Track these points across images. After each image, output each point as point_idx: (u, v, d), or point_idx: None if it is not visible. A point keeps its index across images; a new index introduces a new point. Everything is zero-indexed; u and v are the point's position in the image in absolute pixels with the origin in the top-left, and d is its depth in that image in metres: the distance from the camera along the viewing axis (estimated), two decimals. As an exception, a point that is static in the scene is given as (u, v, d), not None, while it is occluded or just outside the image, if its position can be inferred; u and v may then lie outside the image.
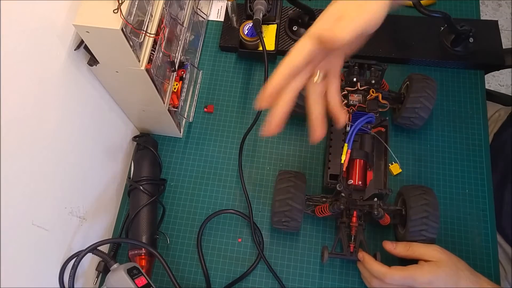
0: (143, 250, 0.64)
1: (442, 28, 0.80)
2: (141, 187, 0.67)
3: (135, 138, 0.75)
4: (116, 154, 0.72)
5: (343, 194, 0.60)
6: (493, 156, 0.73)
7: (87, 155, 0.62)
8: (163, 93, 0.65)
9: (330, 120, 0.70)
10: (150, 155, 0.71)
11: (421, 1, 0.69)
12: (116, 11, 0.48)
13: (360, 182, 0.63)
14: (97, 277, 0.66)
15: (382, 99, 0.67)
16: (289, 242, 0.69)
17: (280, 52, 0.81)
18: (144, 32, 0.54)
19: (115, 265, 0.57)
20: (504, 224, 0.73)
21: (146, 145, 0.71)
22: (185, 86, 0.73)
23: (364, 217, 0.63)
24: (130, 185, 0.69)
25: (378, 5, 0.44)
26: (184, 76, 0.72)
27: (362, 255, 0.61)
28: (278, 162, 0.75)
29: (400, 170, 0.72)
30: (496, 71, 0.92)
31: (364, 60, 0.68)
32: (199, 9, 0.81)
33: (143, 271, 0.60)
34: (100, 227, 0.69)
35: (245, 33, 0.76)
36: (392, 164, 0.72)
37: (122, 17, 0.48)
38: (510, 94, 0.81)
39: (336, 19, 0.45)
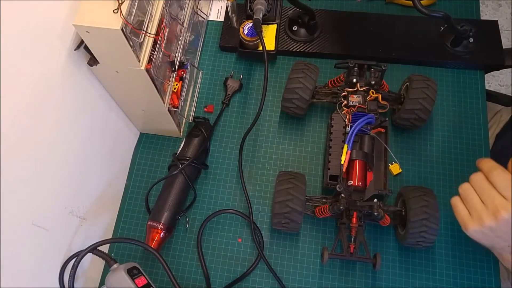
0: (161, 226, 0.66)
1: (442, 28, 0.80)
2: (180, 166, 0.68)
3: (195, 119, 0.76)
4: (116, 154, 0.72)
5: (343, 195, 0.60)
6: (496, 157, 0.73)
7: (87, 155, 0.62)
8: (163, 93, 0.65)
9: (330, 120, 0.70)
10: (201, 139, 0.72)
11: (421, 1, 0.69)
12: (116, 11, 0.48)
13: (360, 183, 0.63)
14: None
15: (382, 100, 0.67)
16: (289, 242, 0.69)
17: (280, 52, 0.81)
18: (144, 32, 0.54)
19: (115, 265, 0.56)
20: None
21: (201, 128, 0.73)
22: (185, 86, 0.73)
23: (364, 218, 0.63)
24: (173, 160, 0.70)
25: None
26: (184, 76, 0.72)
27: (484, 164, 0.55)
28: (278, 162, 0.75)
29: (400, 170, 0.72)
30: (496, 71, 0.92)
31: (364, 61, 0.68)
32: (199, 9, 0.81)
33: (155, 243, 0.65)
34: (100, 227, 0.69)
35: (245, 33, 0.76)
36: (392, 164, 0.72)
37: (122, 17, 0.48)
38: (510, 94, 0.81)
39: None
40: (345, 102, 0.67)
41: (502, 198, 0.52)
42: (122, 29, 0.49)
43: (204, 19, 0.84)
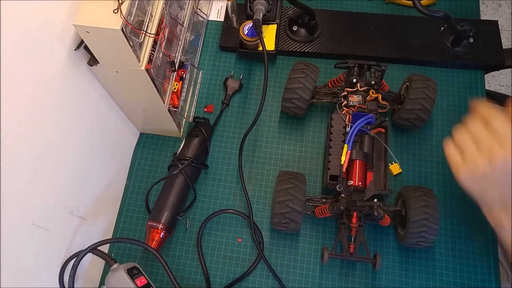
0: (161, 226, 0.66)
1: (442, 28, 0.80)
2: (180, 166, 0.68)
3: (195, 119, 0.76)
4: (116, 154, 0.72)
5: (343, 195, 0.60)
6: None
7: (87, 155, 0.62)
8: (163, 93, 0.65)
9: (330, 120, 0.70)
10: (201, 139, 0.72)
11: (421, 1, 0.69)
12: (116, 11, 0.48)
13: (360, 183, 0.63)
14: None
15: (382, 100, 0.67)
16: (289, 242, 0.69)
17: (280, 52, 0.81)
18: (144, 32, 0.54)
19: (115, 265, 0.56)
20: None
21: (201, 128, 0.73)
22: (185, 86, 0.73)
23: (364, 218, 0.63)
24: (173, 160, 0.70)
25: None
26: (184, 76, 0.72)
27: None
28: (278, 162, 0.75)
29: (400, 170, 0.72)
30: (496, 71, 0.92)
31: (364, 61, 0.68)
32: (199, 9, 0.81)
33: (155, 243, 0.65)
34: (100, 227, 0.69)
35: (245, 33, 0.76)
36: (392, 164, 0.72)
37: (122, 17, 0.48)
38: (510, 95, 0.81)
39: None
40: (345, 102, 0.67)
41: (498, 143, 0.50)
42: (122, 29, 0.49)
43: (204, 19, 0.84)
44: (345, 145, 0.62)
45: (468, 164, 0.51)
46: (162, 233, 0.65)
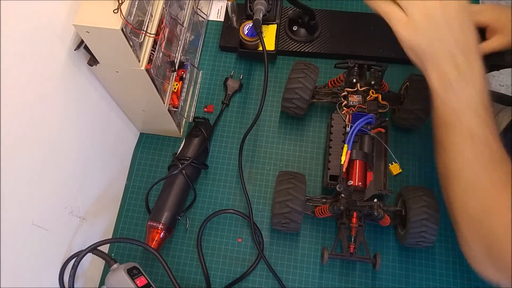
0: (161, 226, 0.66)
1: (442, 28, 0.79)
2: (180, 166, 0.68)
3: (195, 119, 0.76)
4: (116, 154, 0.72)
5: (343, 195, 0.60)
6: None
7: (87, 155, 0.62)
8: (163, 93, 0.65)
9: (330, 120, 0.70)
10: (201, 139, 0.72)
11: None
12: (116, 11, 0.48)
13: (360, 183, 0.63)
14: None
15: (382, 100, 0.67)
16: (289, 242, 0.69)
17: (280, 52, 0.81)
18: (144, 32, 0.54)
19: (115, 265, 0.57)
20: None
21: (201, 128, 0.73)
22: (185, 86, 0.73)
23: (364, 218, 0.63)
24: (173, 160, 0.70)
25: None
26: (184, 76, 0.72)
27: None
28: (278, 162, 0.75)
29: (400, 170, 0.72)
30: (496, 71, 0.92)
31: (364, 61, 0.68)
32: (199, 9, 0.81)
33: (155, 243, 0.65)
34: (100, 227, 0.69)
35: (245, 33, 0.76)
36: (392, 164, 0.72)
37: (122, 17, 0.48)
38: (510, 95, 0.81)
39: None
40: (345, 102, 0.67)
41: None
42: (122, 29, 0.49)
43: (204, 19, 0.84)
44: (345, 145, 0.62)
45: (414, 12, 0.44)
46: (162, 233, 0.65)
